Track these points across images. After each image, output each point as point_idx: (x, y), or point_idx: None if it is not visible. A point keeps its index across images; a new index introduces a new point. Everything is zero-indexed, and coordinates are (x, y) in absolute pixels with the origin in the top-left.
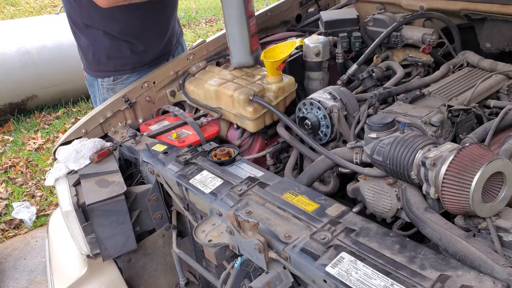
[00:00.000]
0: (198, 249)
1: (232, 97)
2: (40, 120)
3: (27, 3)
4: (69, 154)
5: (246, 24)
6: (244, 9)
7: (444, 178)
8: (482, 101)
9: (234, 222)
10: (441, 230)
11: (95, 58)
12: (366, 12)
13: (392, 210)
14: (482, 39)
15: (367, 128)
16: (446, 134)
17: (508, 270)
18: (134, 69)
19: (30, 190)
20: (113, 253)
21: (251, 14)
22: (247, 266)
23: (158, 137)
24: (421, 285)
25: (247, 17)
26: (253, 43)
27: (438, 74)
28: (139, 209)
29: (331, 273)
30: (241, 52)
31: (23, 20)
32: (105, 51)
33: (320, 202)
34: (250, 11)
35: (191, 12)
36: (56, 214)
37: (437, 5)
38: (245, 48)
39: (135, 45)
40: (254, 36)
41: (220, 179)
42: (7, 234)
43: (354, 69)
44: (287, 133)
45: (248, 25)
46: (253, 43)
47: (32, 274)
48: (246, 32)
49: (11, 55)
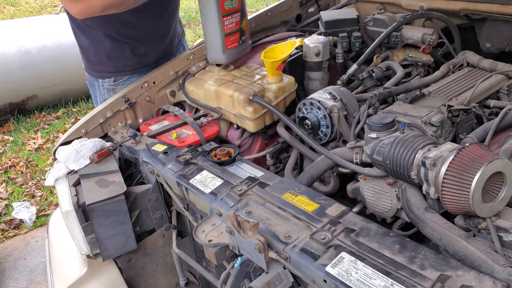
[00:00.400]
0: (198, 249)
1: (232, 97)
2: (40, 120)
3: (27, 3)
4: (69, 154)
5: (219, 22)
6: (217, 7)
7: (444, 178)
8: (482, 101)
9: (234, 222)
10: (441, 230)
11: (96, 58)
12: (366, 12)
13: (392, 210)
14: (482, 39)
15: (367, 128)
16: (446, 134)
17: (508, 270)
18: (135, 70)
19: (30, 190)
20: (113, 253)
21: (228, 12)
22: (247, 266)
23: (158, 137)
24: (421, 285)
25: (221, 15)
26: (229, 42)
27: (438, 74)
28: (139, 209)
29: (331, 273)
30: (213, 50)
31: (23, 20)
32: (106, 52)
33: (320, 202)
34: (228, 9)
35: (191, 12)
36: (56, 214)
37: (437, 5)
38: (217, 46)
39: (135, 46)
40: (233, 35)
41: (220, 179)
42: (7, 234)
43: (354, 69)
44: (287, 133)
45: (222, 24)
46: (229, 42)
47: (32, 274)
48: (218, 31)
49: (11, 55)
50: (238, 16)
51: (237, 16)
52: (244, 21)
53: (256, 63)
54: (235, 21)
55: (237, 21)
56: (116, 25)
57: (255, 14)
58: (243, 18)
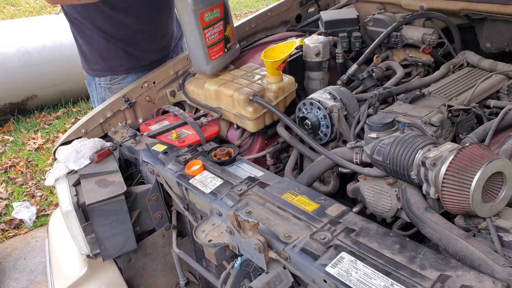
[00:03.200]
0: (198, 249)
1: (232, 97)
2: (40, 120)
3: (27, 3)
4: (69, 154)
5: (199, 35)
6: (196, 20)
7: (444, 178)
8: (482, 101)
9: (234, 222)
10: (441, 230)
11: (91, 57)
12: (366, 12)
13: (392, 210)
14: (482, 39)
15: (367, 128)
16: (446, 134)
17: (508, 270)
18: (128, 70)
19: (30, 190)
20: (113, 253)
21: (208, 24)
22: (247, 266)
23: (158, 137)
24: (421, 285)
25: (201, 28)
26: (212, 53)
27: (438, 74)
28: (139, 209)
29: (331, 273)
30: (197, 62)
31: (23, 20)
32: (100, 51)
33: (320, 202)
34: (208, 21)
35: None
36: (56, 214)
37: (437, 5)
38: (200, 58)
39: (128, 47)
40: (216, 45)
41: (220, 179)
42: (7, 234)
43: (354, 69)
44: (287, 133)
45: (203, 36)
46: (212, 53)
47: (32, 274)
48: (199, 43)
49: (11, 55)
50: (221, 25)
51: (219, 26)
52: (229, 28)
53: (256, 63)
54: (218, 30)
55: (220, 31)
56: (107, 26)
57: (255, 14)
58: (227, 25)
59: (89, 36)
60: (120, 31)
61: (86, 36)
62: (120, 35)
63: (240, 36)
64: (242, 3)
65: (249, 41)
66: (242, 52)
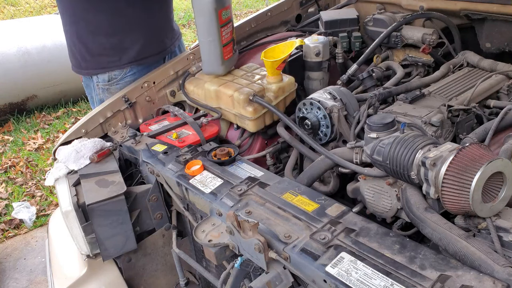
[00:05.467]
0: (198, 249)
1: (232, 97)
2: (40, 120)
3: (27, 3)
4: (69, 154)
5: (217, 33)
6: (216, 18)
7: (444, 178)
8: (482, 101)
9: (234, 222)
10: (441, 230)
11: (80, 55)
12: (366, 12)
13: (392, 210)
14: (482, 39)
15: (367, 128)
16: (446, 134)
17: (508, 270)
18: (121, 66)
19: (30, 190)
20: (113, 253)
21: (224, 23)
22: (247, 266)
23: (158, 137)
24: (421, 285)
25: (219, 26)
26: (226, 52)
27: (438, 74)
28: (139, 209)
29: (331, 273)
30: (211, 62)
31: (23, 20)
32: (88, 48)
33: (320, 202)
34: (224, 19)
35: (191, 12)
36: (56, 214)
37: (437, 5)
38: (215, 58)
39: (114, 39)
40: (228, 45)
41: (220, 179)
42: (7, 234)
43: (354, 69)
44: (287, 133)
45: (220, 35)
46: (226, 52)
47: (32, 274)
48: (217, 42)
49: (11, 55)
50: (231, 26)
51: (230, 26)
52: (234, 30)
53: (256, 63)
54: (229, 31)
55: (230, 31)
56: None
57: (255, 14)
58: (233, 27)
59: (78, 34)
60: (112, 24)
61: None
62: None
63: (240, 36)
64: (242, 3)
65: (249, 41)
66: (242, 52)
